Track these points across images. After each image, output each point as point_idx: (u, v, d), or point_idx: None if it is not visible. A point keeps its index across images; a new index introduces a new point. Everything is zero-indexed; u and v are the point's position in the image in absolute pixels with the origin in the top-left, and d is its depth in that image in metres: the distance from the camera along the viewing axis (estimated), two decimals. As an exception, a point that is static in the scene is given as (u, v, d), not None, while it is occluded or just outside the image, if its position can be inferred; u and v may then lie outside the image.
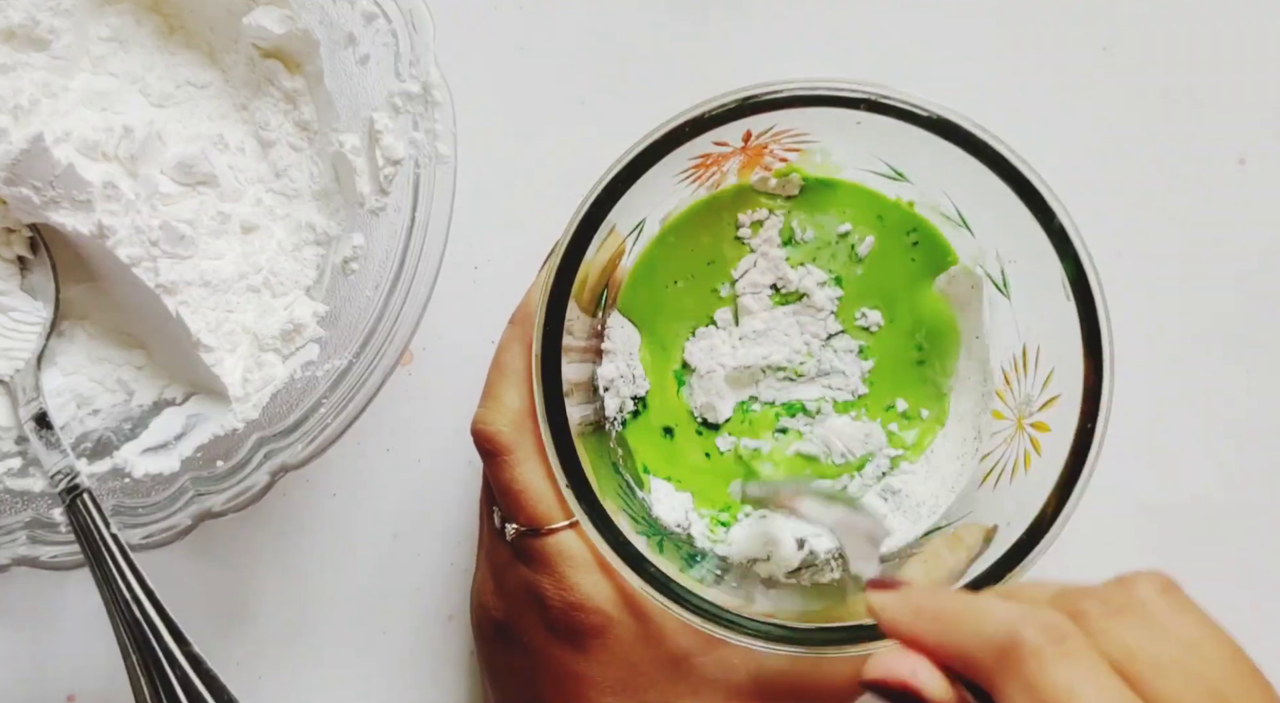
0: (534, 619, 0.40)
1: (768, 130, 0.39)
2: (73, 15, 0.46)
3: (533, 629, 0.40)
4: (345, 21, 0.44)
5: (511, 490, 0.39)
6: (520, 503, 0.39)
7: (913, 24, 0.51)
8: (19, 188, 0.43)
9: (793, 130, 0.39)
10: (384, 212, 0.44)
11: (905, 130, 0.37)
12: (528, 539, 0.39)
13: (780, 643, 0.37)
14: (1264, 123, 0.51)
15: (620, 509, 0.38)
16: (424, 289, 0.42)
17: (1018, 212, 0.37)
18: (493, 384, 0.40)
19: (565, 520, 0.39)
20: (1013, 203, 0.37)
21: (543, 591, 0.39)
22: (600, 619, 0.39)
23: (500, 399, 0.39)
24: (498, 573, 0.41)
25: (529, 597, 0.40)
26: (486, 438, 0.39)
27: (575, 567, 0.39)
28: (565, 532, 0.39)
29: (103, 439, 0.46)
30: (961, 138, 0.37)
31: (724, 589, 0.39)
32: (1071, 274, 0.37)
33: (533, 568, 0.39)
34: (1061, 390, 0.38)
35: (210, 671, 0.40)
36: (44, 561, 0.42)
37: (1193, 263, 0.51)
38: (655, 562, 0.37)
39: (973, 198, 0.40)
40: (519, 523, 0.39)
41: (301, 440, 0.42)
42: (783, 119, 0.38)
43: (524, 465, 0.39)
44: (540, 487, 0.39)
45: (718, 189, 0.42)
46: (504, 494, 0.39)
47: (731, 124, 0.38)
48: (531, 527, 0.39)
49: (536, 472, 0.39)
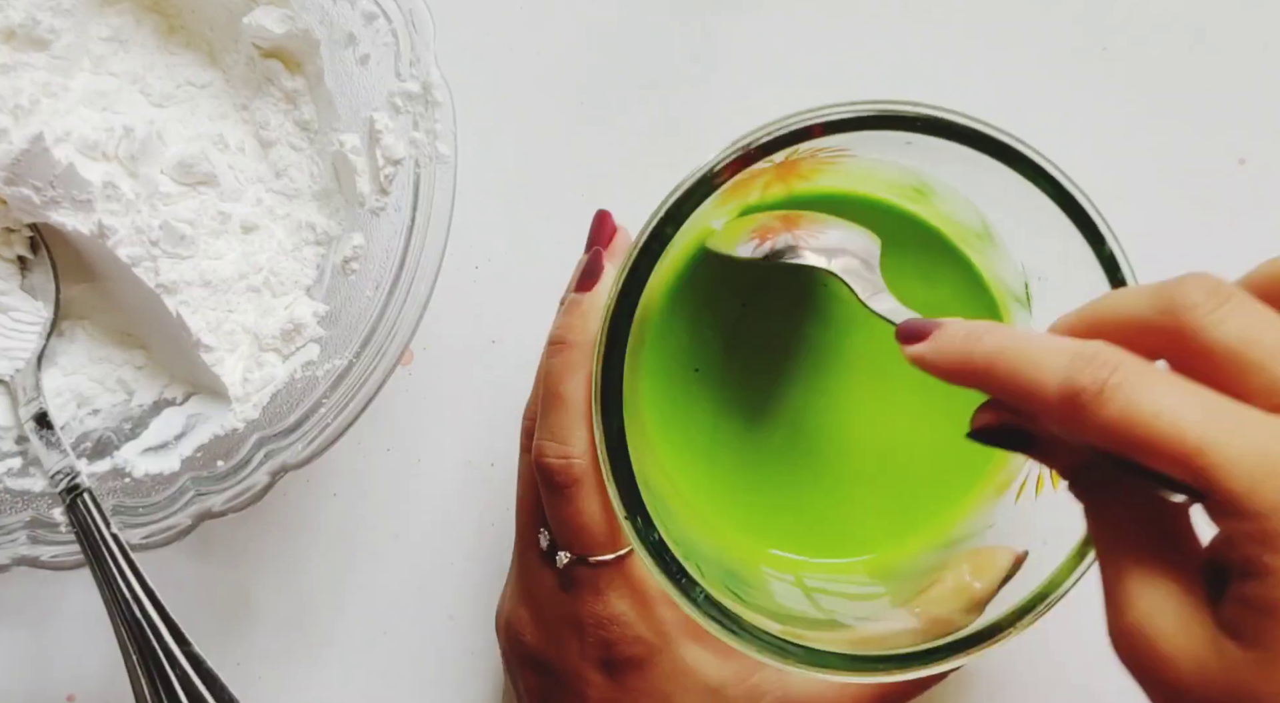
0: (573, 647, 0.40)
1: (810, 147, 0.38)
2: (73, 15, 0.46)
3: (571, 657, 0.40)
4: (345, 21, 0.44)
5: (575, 522, 0.39)
6: (583, 536, 0.39)
7: (912, 24, 0.51)
8: (19, 188, 0.43)
9: (831, 147, 0.38)
10: (384, 212, 0.44)
11: (948, 147, 0.37)
12: (580, 568, 0.40)
13: (823, 668, 0.36)
14: (1264, 123, 0.51)
15: (674, 541, 0.38)
16: (424, 289, 0.42)
17: (1060, 232, 0.37)
18: (558, 415, 0.39)
19: (617, 551, 0.39)
20: (1057, 221, 0.37)
21: (586, 620, 0.39)
22: (641, 650, 0.39)
23: (569, 430, 0.39)
24: (536, 599, 0.41)
25: (570, 624, 0.40)
26: (560, 472, 0.39)
27: (622, 597, 0.39)
28: (615, 563, 0.39)
29: (103, 439, 0.46)
30: (1011, 157, 0.37)
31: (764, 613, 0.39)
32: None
33: (579, 596, 0.40)
34: None
35: (210, 671, 0.40)
36: (44, 561, 0.42)
37: (1192, 263, 0.51)
38: (707, 589, 0.37)
39: (1004, 213, 0.40)
40: (575, 552, 0.39)
41: (302, 440, 0.42)
42: (834, 139, 0.38)
43: (589, 498, 0.39)
44: (599, 518, 0.39)
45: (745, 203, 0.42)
46: (565, 525, 0.39)
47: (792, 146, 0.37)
48: (585, 555, 0.39)
49: (597, 503, 0.39)
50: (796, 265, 0.38)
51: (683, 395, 0.43)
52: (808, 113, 0.37)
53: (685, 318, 0.42)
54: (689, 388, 0.43)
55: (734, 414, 0.43)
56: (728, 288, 0.43)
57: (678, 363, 0.43)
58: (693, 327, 0.43)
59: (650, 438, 0.43)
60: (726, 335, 0.43)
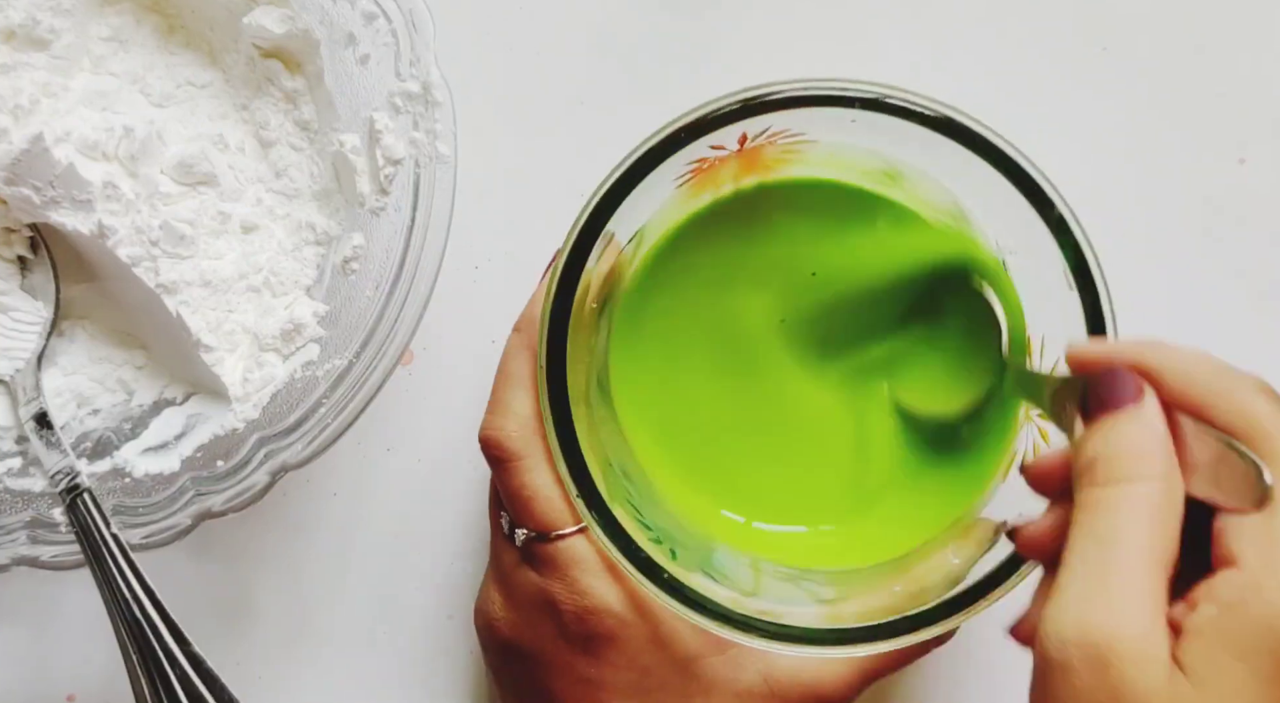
0: (545, 626, 0.40)
1: (763, 131, 0.39)
2: (73, 15, 0.46)
3: (543, 637, 0.40)
4: (345, 21, 0.44)
5: (521, 496, 0.39)
6: (530, 509, 0.39)
7: (911, 23, 0.51)
8: (19, 188, 0.43)
9: (788, 131, 0.39)
10: (384, 211, 0.44)
11: (901, 127, 0.37)
12: (538, 544, 0.39)
13: (792, 643, 0.37)
14: (1264, 123, 0.51)
15: (630, 515, 0.38)
16: (424, 289, 0.42)
17: (1016, 203, 0.37)
18: (499, 391, 0.40)
19: (575, 526, 0.39)
20: (1011, 195, 0.37)
21: (553, 595, 0.39)
22: (612, 623, 0.39)
23: (508, 406, 0.40)
24: (505, 580, 0.41)
25: (539, 603, 0.40)
26: (495, 444, 0.39)
27: (586, 571, 0.39)
28: (575, 536, 0.39)
29: (103, 439, 0.46)
30: (956, 132, 0.37)
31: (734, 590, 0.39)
32: (1072, 263, 0.37)
33: (543, 573, 0.39)
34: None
35: (210, 671, 0.40)
36: (44, 561, 0.42)
37: (1192, 263, 0.51)
38: (664, 565, 0.37)
39: (970, 192, 0.40)
40: (529, 528, 0.39)
41: (302, 440, 0.42)
42: (778, 120, 0.38)
43: (534, 472, 0.39)
44: (550, 492, 0.39)
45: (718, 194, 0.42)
46: (513, 500, 0.39)
47: (727, 127, 0.38)
48: (541, 532, 0.39)
49: (546, 477, 0.39)
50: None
51: (656, 378, 0.43)
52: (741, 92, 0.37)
53: (659, 298, 0.43)
54: (663, 370, 0.43)
55: (711, 393, 0.43)
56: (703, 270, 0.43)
57: (650, 344, 0.43)
58: (667, 308, 0.43)
59: (627, 422, 0.43)
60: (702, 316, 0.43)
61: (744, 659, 0.40)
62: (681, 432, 0.44)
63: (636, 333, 0.43)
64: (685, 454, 0.44)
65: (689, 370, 0.44)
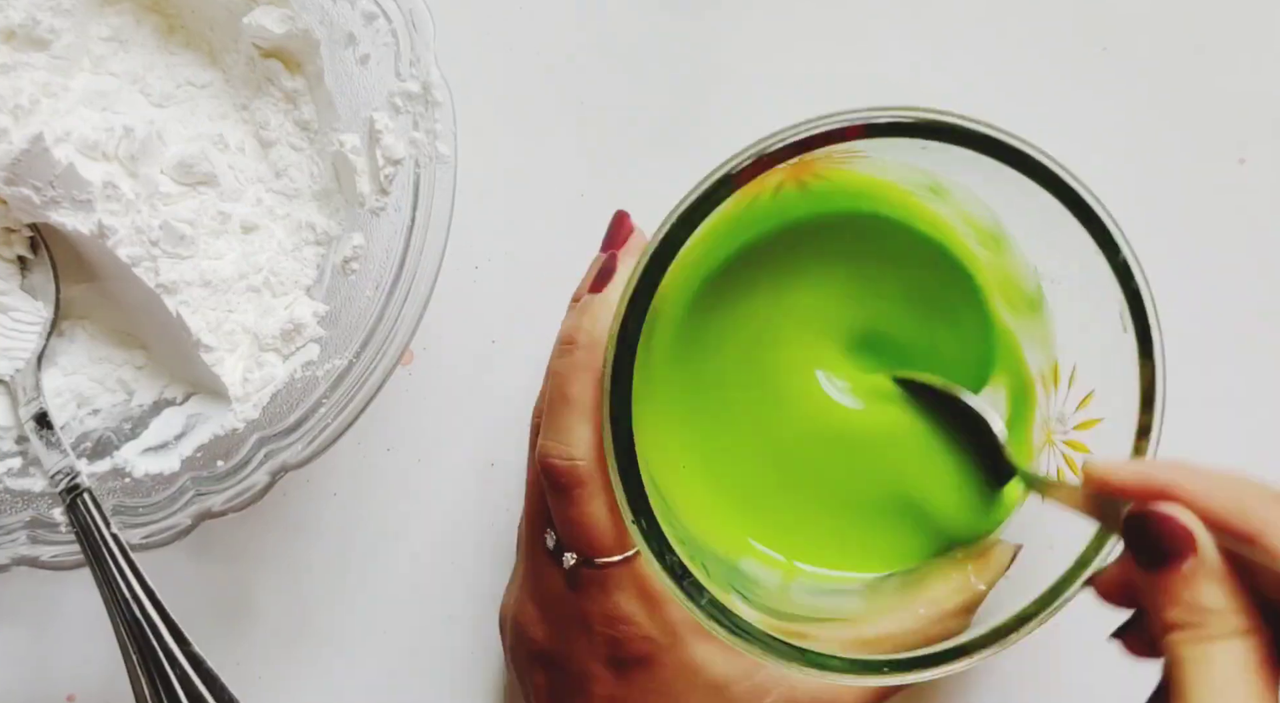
0: (582, 645, 0.40)
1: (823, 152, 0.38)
2: (73, 15, 0.46)
3: (579, 655, 0.40)
4: (345, 21, 0.44)
5: (582, 524, 0.39)
6: (589, 537, 0.39)
7: (911, 23, 0.51)
8: (19, 188, 0.43)
9: (849, 149, 0.38)
10: (384, 211, 0.44)
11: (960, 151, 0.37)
12: (586, 569, 0.40)
13: (829, 672, 0.37)
14: (1264, 123, 0.51)
15: (679, 540, 0.38)
16: (424, 289, 0.42)
17: (1074, 237, 0.37)
18: (562, 416, 0.39)
19: (621, 554, 0.39)
20: (1072, 229, 0.37)
21: (594, 619, 0.40)
22: (650, 648, 0.40)
23: (573, 431, 0.39)
24: (543, 597, 0.41)
25: (578, 623, 0.40)
26: (564, 473, 0.39)
27: (630, 597, 0.40)
28: (622, 563, 0.40)
29: (103, 439, 0.46)
30: (1029, 167, 0.37)
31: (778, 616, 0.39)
32: (1133, 309, 0.37)
33: (587, 596, 0.40)
34: (1105, 415, 0.38)
35: (210, 671, 0.40)
36: (44, 561, 0.42)
37: (1192, 263, 0.51)
38: (707, 586, 0.37)
39: (1016, 214, 0.40)
40: (580, 553, 0.40)
41: (302, 440, 0.42)
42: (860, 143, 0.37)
43: (594, 501, 0.39)
44: (605, 521, 0.39)
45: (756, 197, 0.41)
46: (571, 526, 0.39)
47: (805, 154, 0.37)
48: (590, 557, 0.40)
49: (603, 506, 0.39)
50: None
51: (693, 397, 0.43)
52: (828, 117, 0.36)
53: (702, 322, 0.42)
54: (700, 391, 0.43)
55: (744, 417, 0.43)
56: (747, 295, 0.42)
57: (689, 368, 0.43)
58: (709, 333, 0.42)
59: (658, 438, 0.43)
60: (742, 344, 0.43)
61: (768, 684, 0.40)
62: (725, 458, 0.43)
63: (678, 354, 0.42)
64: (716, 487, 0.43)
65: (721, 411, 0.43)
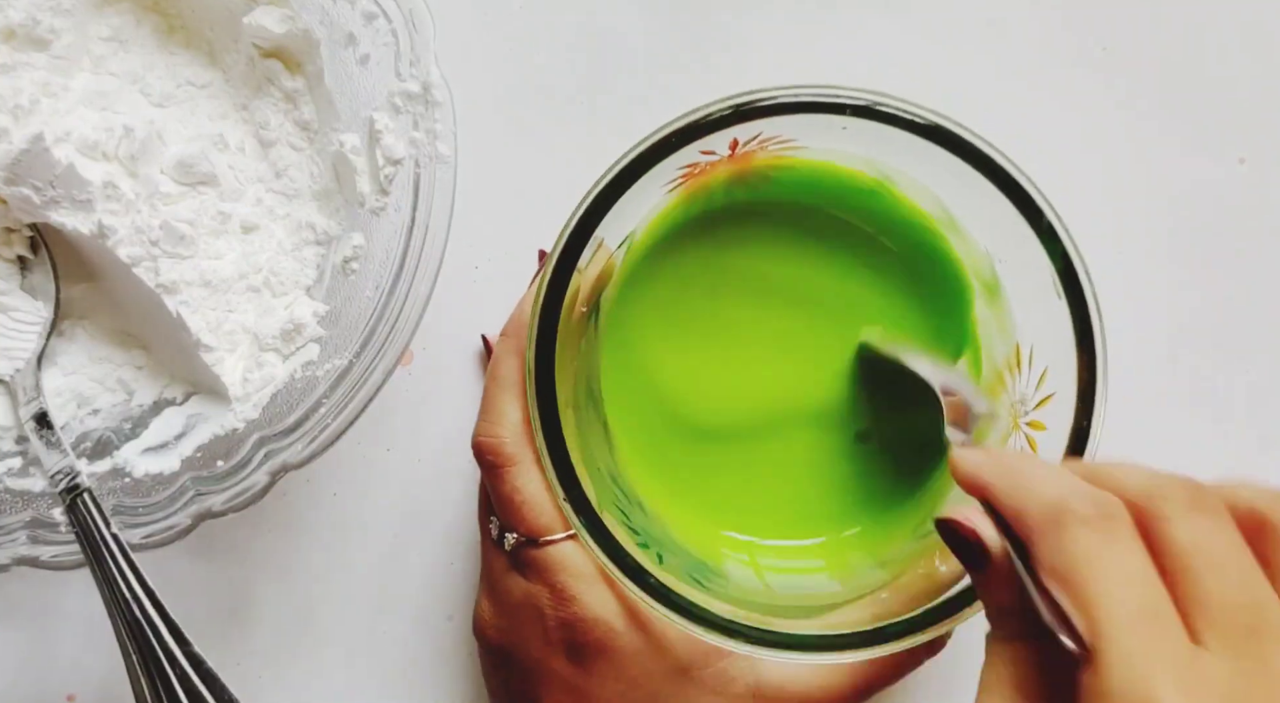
0: (532, 633, 0.39)
1: (754, 137, 0.39)
2: (73, 15, 0.46)
3: (531, 644, 0.39)
4: (345, 21, 0.44)
5: (513, 502, 0.39)
6: (521, 514, 0.39)
7: (911, 24, 0.51)
8: (19, 188, 0.43)
9: (779, 136, 0.39)
10: (384, 211, 0.44)
11: (891, 134, 0.37)
12: (527, 550, 0.39)
13: (779, 649, 0.36)
14: (1264, 123, 0.51)
15: (617, 520, 0.38)
16: (424, 289, 0.42)
17: (1006, 211, 0.37)
18: (490, 396, 0.40)
19: (565, 531, 0.39)
20: (1000, 202, 0.37)
21: (541, 602, 0.39)
22: (600, 632, 0.38)
23: (500, 411, 0.39)
24: (494, 585, 0.41)
25: (527, 609, 0.39)
26: (489, 450, 0.39)
27: (575, 577, 0.39)
28: (565, 542, 0.39)
29: (103, 439, 0.46)
30: (945, 139, 0.37)
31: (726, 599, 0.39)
32: (1061, 272, 0.37)
33: (531, 579, 0.39)
34: (1056, 389, 0.38)
35: (210, 671, 0.40)
36: (44, 561, 0.42)
37: (1192, 262, 0.51)
38: (651, 570, 0.37)
39: (960, 199, 0.40)
40: (519, 533, 0.39)
41: (302, 440, 0.42)
42: (769, 126, 0.38)
43: (524, 477, 0.39)
44: (540, 498, 0.39)
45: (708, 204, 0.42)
46: (504, 505, 0.39)
47: (718, 133, 0.38)
48: (531, 537, 0.39)
49: (536, 483, 0.39)
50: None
51: (645, 387, 0.43)
52: (733, 97, 0.37)
53: (648, 302, 0.43)
54: (651, 379, 0.43)
55: (696, 401, 0.43)
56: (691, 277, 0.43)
57: (639, 349, 0.43)
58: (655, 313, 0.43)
59: (615, 430, 0.43)
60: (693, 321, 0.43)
61: (733, 672, 0.39)
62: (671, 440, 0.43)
63: (625, 337, 0.43)
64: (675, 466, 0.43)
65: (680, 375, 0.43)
